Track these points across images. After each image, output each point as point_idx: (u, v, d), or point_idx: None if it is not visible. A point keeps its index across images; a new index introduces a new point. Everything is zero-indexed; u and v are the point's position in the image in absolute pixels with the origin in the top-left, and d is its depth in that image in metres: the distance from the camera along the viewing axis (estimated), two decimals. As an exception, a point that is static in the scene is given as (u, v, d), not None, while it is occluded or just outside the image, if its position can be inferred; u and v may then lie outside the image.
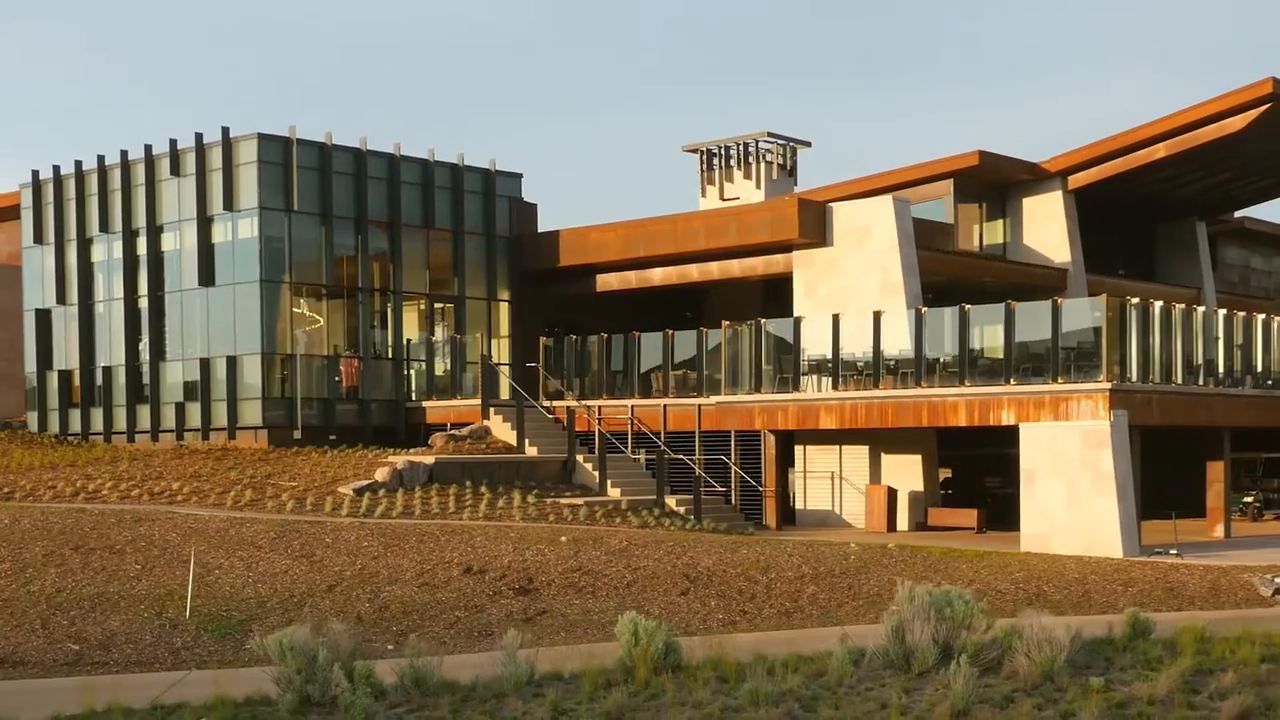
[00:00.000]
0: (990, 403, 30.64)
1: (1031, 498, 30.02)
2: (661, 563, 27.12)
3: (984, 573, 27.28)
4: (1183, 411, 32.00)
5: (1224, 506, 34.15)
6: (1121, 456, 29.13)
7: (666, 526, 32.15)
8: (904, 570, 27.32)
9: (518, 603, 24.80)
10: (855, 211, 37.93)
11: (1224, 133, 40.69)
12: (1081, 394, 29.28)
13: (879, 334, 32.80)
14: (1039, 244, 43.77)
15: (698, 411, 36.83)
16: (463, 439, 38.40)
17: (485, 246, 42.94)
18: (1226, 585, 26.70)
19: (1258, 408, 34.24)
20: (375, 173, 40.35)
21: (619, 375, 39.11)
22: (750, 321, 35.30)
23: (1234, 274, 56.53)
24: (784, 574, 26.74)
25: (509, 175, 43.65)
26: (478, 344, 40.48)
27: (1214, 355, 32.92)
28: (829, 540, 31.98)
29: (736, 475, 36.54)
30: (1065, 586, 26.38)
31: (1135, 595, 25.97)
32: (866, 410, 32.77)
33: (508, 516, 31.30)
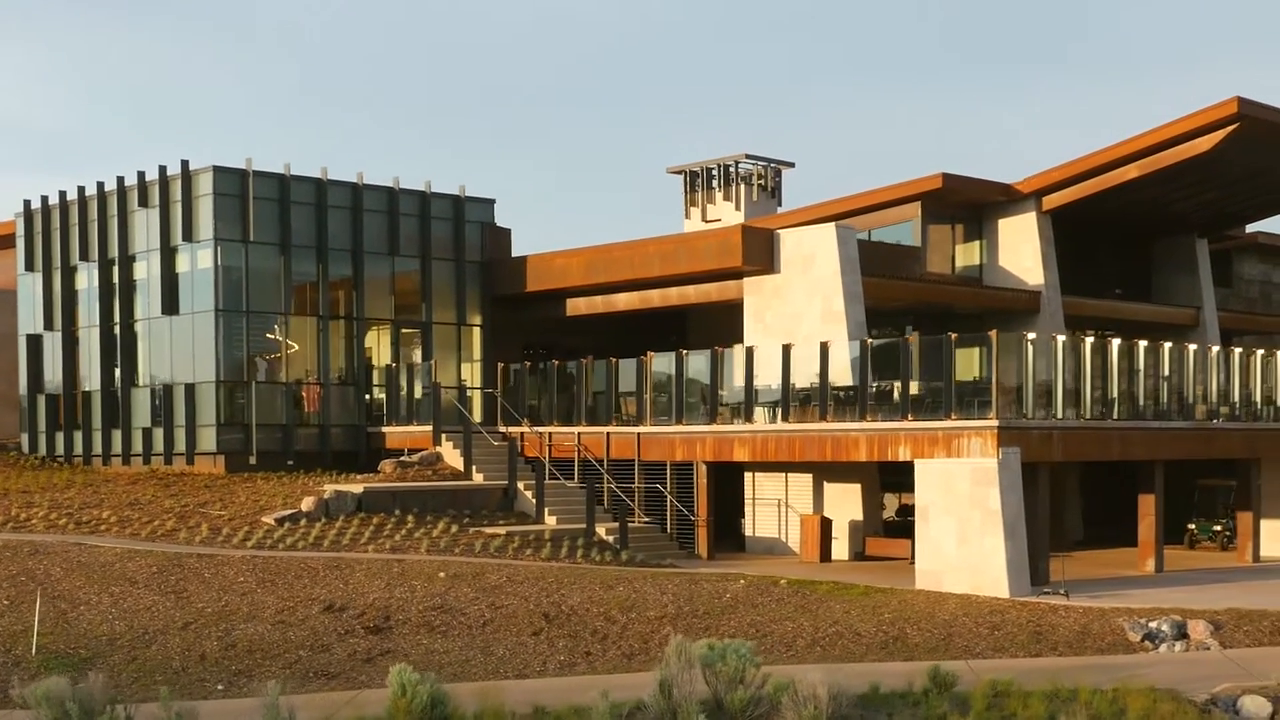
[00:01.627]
0: (888, 438, 30.38)
1: (926, 535, 29.71)
2: (528, 600, 27.35)
3: (854, 613, 27.08)
4: (1093, 447, 31.41)
5: (1155, 540, 33.44)
6: (1011, 494, 28.70)
7: (579, 558, 32.33)
8: (772, 611, 27.25)
9: (366, 642, 25.20)
10: (801, 238, 37.76)
11: (1193, 153, 39.72)
12: (971, 431, 28.90)
13: (788, 368, 32.69)
14: (1014, 266, 43.12)
15: (636, 440, 36.97)
16: (412, 465, 38.96)
17: (455, 272, 43.49)
18: (1098, 629, 26.21)
19: (1186, 440, 33.44)
20: (337, 202, 41.10)
21: (570, 402, 39.38)
22: (673, 351, 35.38)
23: (1252, 289, 55.09)
24: (646, 614, 26.81)
25: (480, 201, 44.14)
26: (433, 370, 40.98)
27: (1136, 387, 32.19)
28: (743, 572, 31.96)
29: (672, 504, 36.60)
30: (931, 629, 26.10)
31: (999, 639, 25.60)
32: (775, 443, 32.67)
33: (415, 549, 31.74)
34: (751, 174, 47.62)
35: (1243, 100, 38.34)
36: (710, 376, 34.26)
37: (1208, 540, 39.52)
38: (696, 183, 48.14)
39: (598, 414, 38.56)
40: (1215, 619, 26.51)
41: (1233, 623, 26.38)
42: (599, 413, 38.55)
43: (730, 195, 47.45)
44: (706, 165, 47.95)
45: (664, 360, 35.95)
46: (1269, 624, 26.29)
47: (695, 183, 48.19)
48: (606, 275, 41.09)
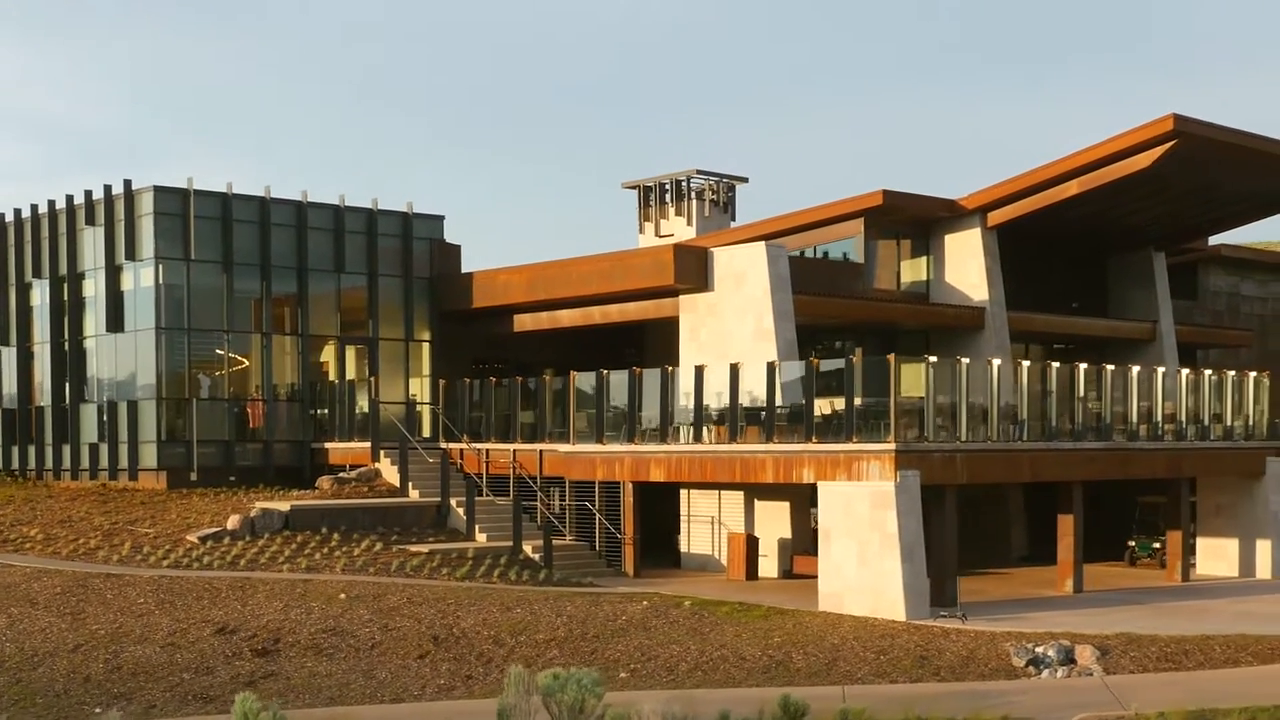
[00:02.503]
0: (793, 460, 30.48)
1: (828, 557, 29.80)
2: (422, 623, 27.61)
3: (745, 637, 27.21)
4: (1000, 469, 31.43)
5: (1074, 560, 33.39)
6: (909, 517, 28.77)
7: (494, 578, 32.53)
8: (664, 634, 27.41)
9: (252, 665, 25.52)
10: (733, 256, 37.88)
11: (1132, 169, 39.60)
12: (870, 454, 28.98)
13: (700, 388, 32.83)
14: (960, 282, 43.10)
15: (560, 459, 37.17)
16: (349, 482, 39.33)
17: (403, 288, 43.80)
18: (984, 654, 26.26)
19: (1102, 461, 33.38)
20: (281, 220, 41.48)
21: (508, 418, 39.63)
22: (595, 370, 35.58)
23: (1219, 302, 54.84)
24: (535, 637, 27.03)
25: (429, 218, 44.45)
26: (372, 386, 41.32)
27: (1049, 409, 32.17)
28: (660, 591, 32.15)
29: (600, 522, 36.78)
30: (818, 653, 26.20)
31: (883, 664, 25.68)
32: (690, 464, 32.83)
33: (330, 569, 32.06)
34: (703, 189, 47.76)
35: (1179, 117, 38.22)
36: (629, 397, 34.43)
37: (1148, 557, 39.42)
38: (650, 198, 48.33)
39: (532, 431, 38.79)
40: (1105, 644, 26.54)
41: (1121, 648, 26.38)
42: (534, 430, 38.77)
43: (682, 210, 47.61)
44: (660, 181, 48.12)
45: (587, 379, 36.15)
46: (1157, 650, 26.29)
47: (649, 198, 48.38)
48: (547, 292, 41.32)
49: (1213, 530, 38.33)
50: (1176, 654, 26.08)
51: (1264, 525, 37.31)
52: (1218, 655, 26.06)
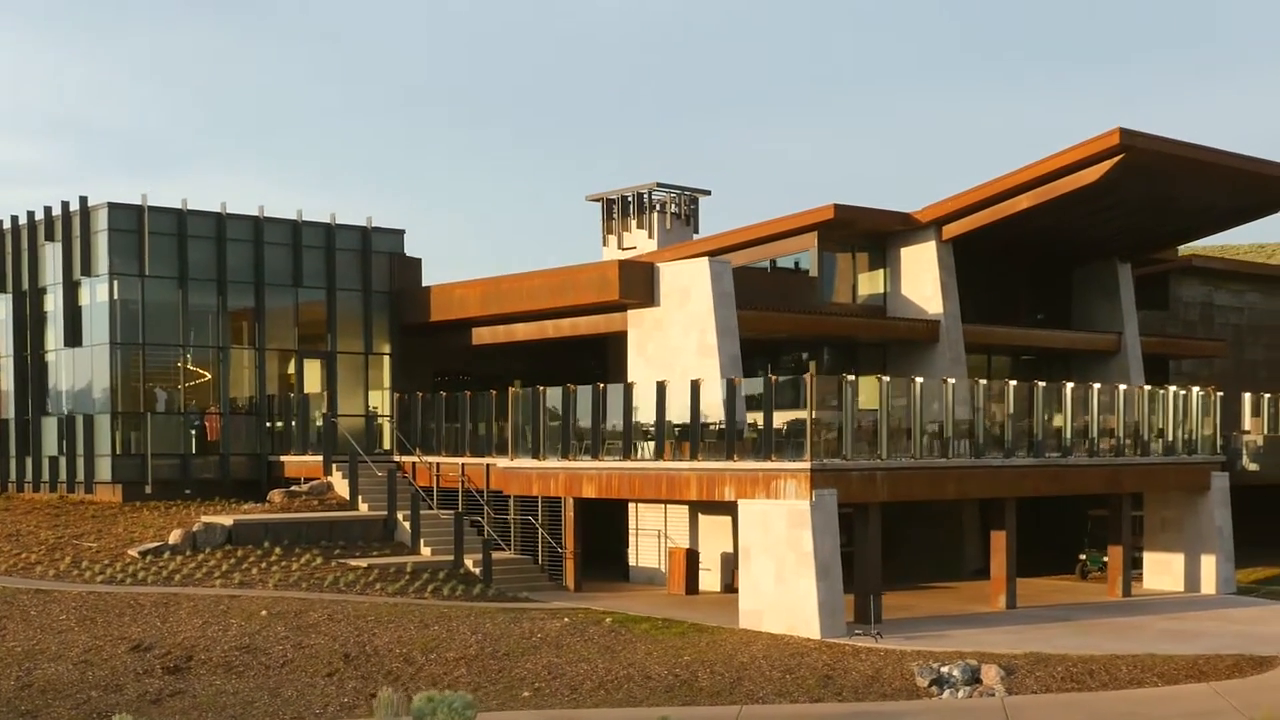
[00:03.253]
0: (715, 478, 30.66)
1: (748, 574, 29.97)
2: (337, 640, 27.91)
3: (656, 655, 27.41)
4: (924, 487, 31.49)
5: (1006, 577, 33.44)
6: (825, 536, 28.90)
7: (428, 594, 32.75)
8: (576, 651, 27.62)
9: (160, 682, 25.83)
10: (678, 272, 38.06)
11: (1081, 183, 39.61)
12: (787, 473, 29.13)
13: (629, 405, 33.02)
14: (916, 295, 43.17)
15: (501, 474, 37.40)
16: (300, 495, 39.69)
17: (363, 302, 44.15)
18: (890, 674, 26.38)
19: (1033, 477, 33.38)
20: (237, 235, 41.89)
21: (458, 432, 39.91)
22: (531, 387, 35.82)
23: (1192, 312, 54.72)
24: (446, 655, 27.29)
25: (389, 232, 44.80)
26: (326, 399, 41.72)
27: (977, 425, 32.22)
28: (589, 608, 32.39)
29: (542, 536, 37.02)
30: (725, 672, 26.35)
31: (787, 684, 25.81)
32: (619, 481, 33.03)
33: (263, 584, 32.39)
34: (665, 202, 47.95)
35: (1125, 131, 38.22)
36: (563, 413, 34.64)
37: (1099, 571, 39.38)
38: (613, 211, 48.55)
39: (481, 445, 39.05)
40: (1012, 663, 26.62)
41: (1027, 667, 26.46)
42: (482, 444, 39.03)
43: (644, 223, 47.82)
44: (622, 194, 48.34)
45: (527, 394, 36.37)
46: (1064, 670, 26.35)
47: (612, 211, 48.61)
48: (500, 306, 41.59)
49: (1159, 545, 38.30)
50: (1082, 674, 26.14)
51: (1209, 540, 37.26)
52: (1123, 676, 26.11)
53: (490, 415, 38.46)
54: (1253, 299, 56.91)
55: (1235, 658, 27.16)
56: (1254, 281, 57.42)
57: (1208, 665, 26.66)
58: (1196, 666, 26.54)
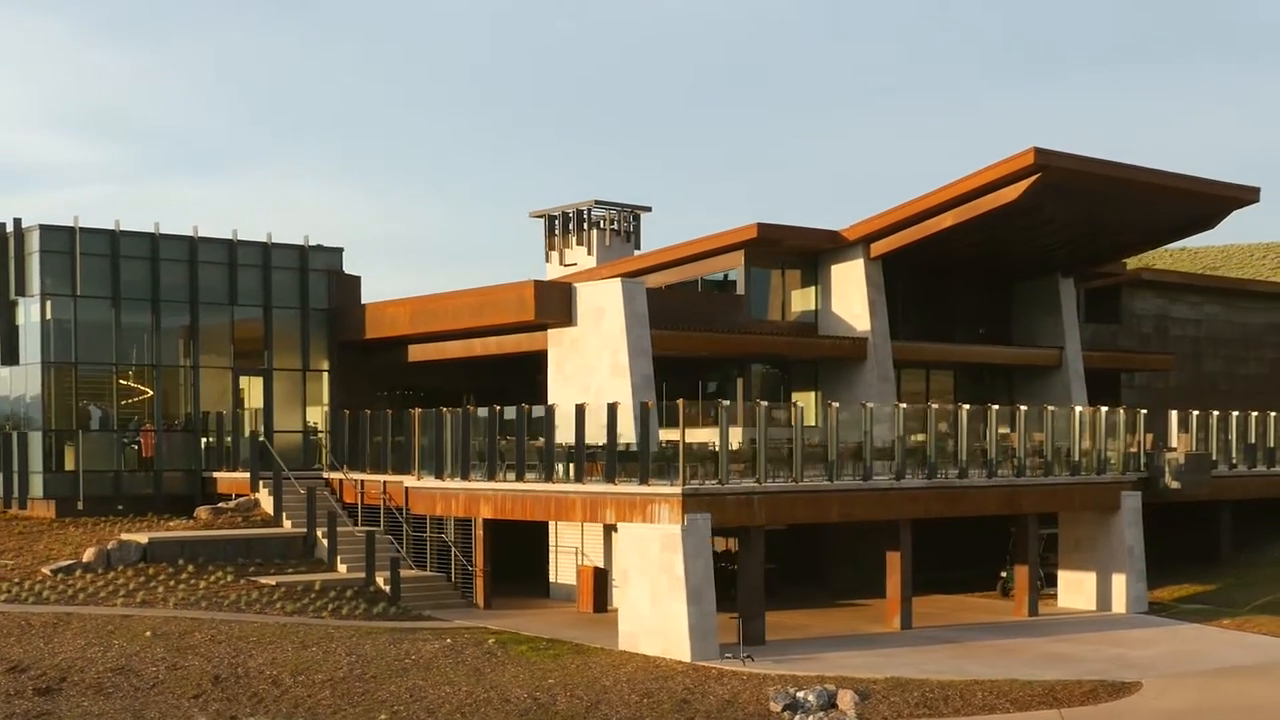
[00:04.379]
0: (598, 502, 31.04)
1: (627, 598, 30.35)
2: (213, 661, 28.45)
3: (522, 677, 27.81)
4: (805, 509, 31.74)
5: (901, 598, 33.68)
6: (697, 560, 29.23)
7: (325, 614, 33.19)
8: (444, 673, 28.05)
9: (29, 704, 26.40)
10: (593, 292, 38.44)
11: (1001, 202, 39.79)
12: (660, 498, 29.48)
13: (523, 426, 33.44)
14: (845, 312, 43.40)
15: (406, 493, 37.93)
16: (226, 512, 40.34)
17: (300, 319, 44.78)
18: (747, 698, 26.69)
19: (925, 499, 33.54)
20: (172, 255, 42.61)
21: (381, 449, 40.41)
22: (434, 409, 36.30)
23: (1146, 325, 54.62)
24: (315, 677, 27.78)
25: (328, 250, 45.41)
26: (254, 416, 42.39)
27: (865, 448, 32.45)
28: (486, 627, 32.96)
29: (455, 554, 37.51)
30: (585, 695, 26.71)
31: (643, 708, 26.12)
32: (512, 503, 33.44)
33: (164, 603, 33.01)
34: (603, 220, 48.36)
35: (1040, 150, 38.37)
36: (462, 434, 35.07)
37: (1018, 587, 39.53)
38: (555, 227, 49.01)
39: (403, 463, 39.53)
40: (871, 688, 26.88)
41: (884, 692, 26.73)
42: (404, 462, 39.52)
43: (584, 240, 48.23)
44: (564, 210, 48.78)
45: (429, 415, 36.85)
46: (919, 695, 26.60)
47: (554, 227, 49.06)
48: (427, 325, 42.11)
49: (1073, 563, 38.40)
50: (937, 699, 26.40)
51: (1119, 559, 37.34)
52: (977, 701, 26.35)
53: (410, 432, 38.94)
54: (1212, 311, 56.77)
55: (1095, 683, 27.33)
56: (1212, 294, 57.28)
57: (1064, 691, 26.84)
58: (1053, 692, 26.74)
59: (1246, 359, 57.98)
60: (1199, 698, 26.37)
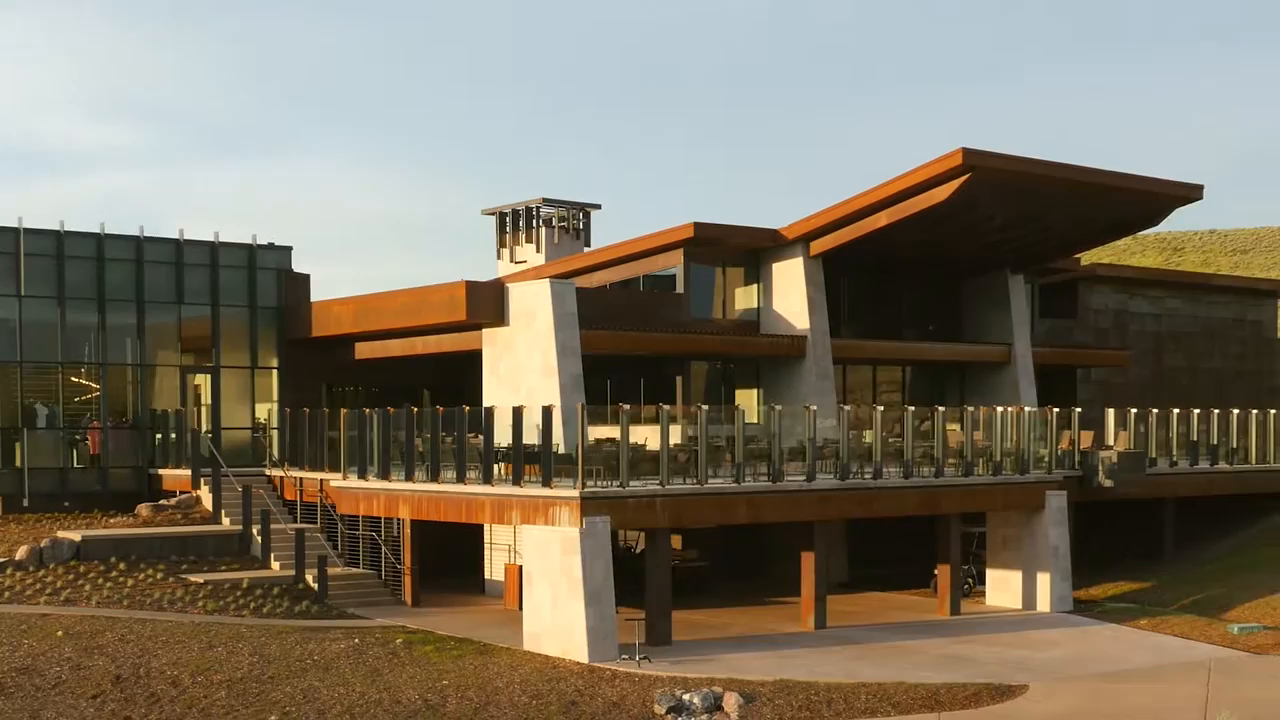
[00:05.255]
0: (505, 504, 31.42)
1: (531, 598, 30.74)
2: (116, 661, 28.95)
3: (418, 679, 28.24)
4: (711, 512, 32.02)
5: (815, 598, 33.98)
6: (595, 562, 29.58)
7: (246, 612, 33.61)
8: (341, 674, 28.48)
9: (-71, 703, 27.05)
10: (524, 292, 38.77)
11: (932, 202, 39.92)
12: (560, 501, 29.84)
13: (436, 427, 33.81)
14: (786, 310, 43.62)
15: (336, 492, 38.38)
16: (166, 509, 40.89)
17: (249, 317, 45.26)
18: (634, 701, 27.08)
19: (836, 501, 33.80)
20: (118, 255, 43.11)
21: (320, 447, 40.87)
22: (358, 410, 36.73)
23: (1104, 320, 54.62)
24: (214, 677, 28.27)
25: (277, 249, 45.82)
26: (201, 414, 42.94)
27: (773, 450, 32.71)
28: (406, 625, 33.44)
29: (385, 553, 37.97)
30: (476, 697, 27.14)
31: (530, 710, 26.54)
32: (428, 503, 33.85)
33: (88, 601, 33.55)
34: (552, 217, 48.66)
35: (968, 151, 38.50)
36: (381, 435, 35.48)
37: (938, 585, 39.82)
38: (506, 225, 49.35)
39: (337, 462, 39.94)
40: (757, 691, 27.23)
41: (770, 695, 27.07)
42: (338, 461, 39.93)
43: (533, 238, 48.55)
44: (514, 208, 49.09)
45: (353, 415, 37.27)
46: (804, 698, 26.93)
47: (505, 225, 49.40)
48: (369, 324, 42.51)
49: (1000, 562, 38.63)
50: (820, 703, 26.72)
51: (1044, 559, 37.54)
52: (859, 705, 26.67)
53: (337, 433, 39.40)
54: (1174, 305, 56.74)
55: (981, 687, 27.61)
56: (1174, 288, 57.22)
57: (948, 695, 27.14)
58: (936, 696, 27.04)
59: (1211, 353, 57.93)
60: (1079, 703, 26.62)
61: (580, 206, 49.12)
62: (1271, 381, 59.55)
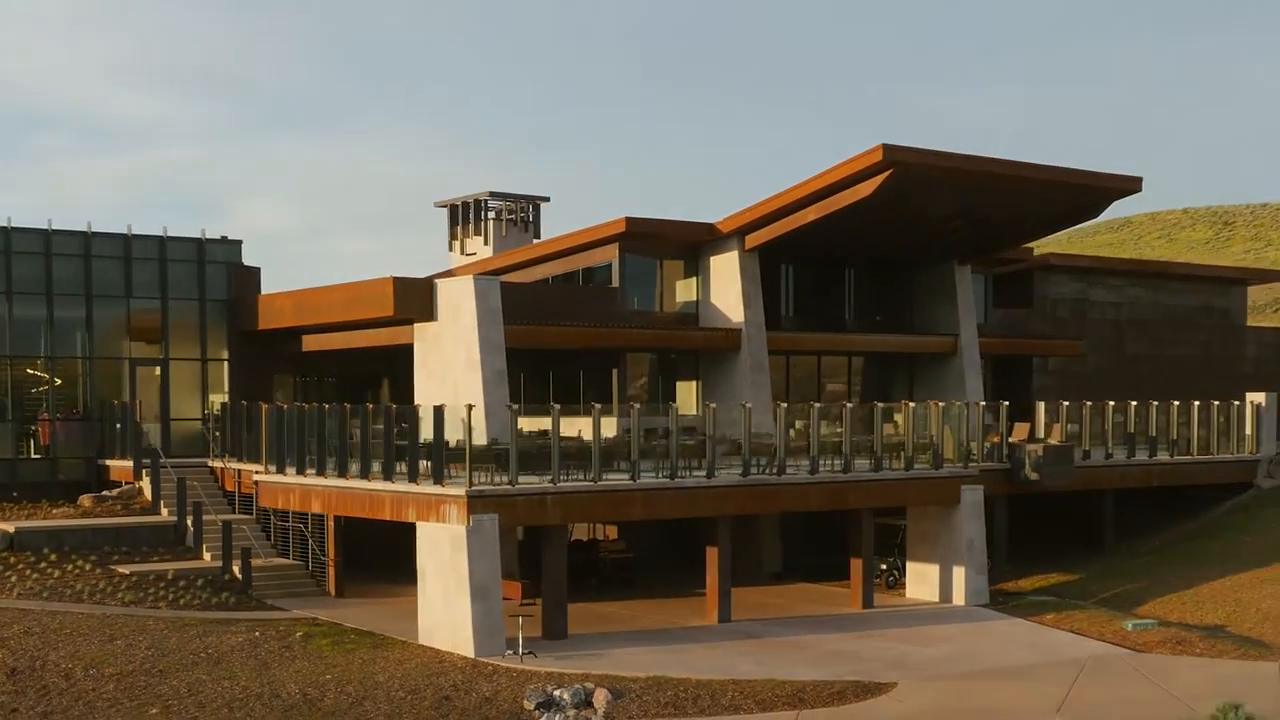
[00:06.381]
0: (404, 500, 32.11)
1: (424, 593, 31.46)
2: (16, 654, 29.72)
3: (304, 672, 28.98)
4: (604, 509, 32.65)
5: (719, 591, 34.52)
6: (482, 560, 30.22)
7: (162, 604, 34.51)
8: (232, 668, 29.20)
9: None
10: (451, 288, 39.41)
11: (857, 198, 40.26)
12: (449, 499, 30.51)
13: (344, 423, 34.53)
14: (723, 304, 44.08)
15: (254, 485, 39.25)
16: (108, 500, 41.88)
17: (199, 311, 46.15)
18: (505, 697, 27.69)
19: (736, 497, 34.22)
20: (65, 250, 44.09)
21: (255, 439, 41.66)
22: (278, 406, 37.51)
23: (1061, 309, 54.70)
24: (106, 670, 29.08)
25: (227, 243, 46.68)
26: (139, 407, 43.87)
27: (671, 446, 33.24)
28: (317, 617, 34.23)
29: (312, 546, 38.78)
30: (355, 691, 27.80)
31: (404, 705, 27.13)
32: (338, 499, 34.58)
33: (10, 593, 34.44)
34: (501, 210, 49.26)
35: (888, 147, 38.76)
36: (298, 430, 36.24)
37: (875, 577, 40.22)
38: (457, 217, 50.00)
39: (271, 454, 40.80)
40: (629, 687, 27.79)
41: (640, 691, 27.61)
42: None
43: (481, 230, 49.18)
44: (464, 201, 49.72)
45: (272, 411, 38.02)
46: (673, 694, 27.46)
47: (456, 217, 50.05)
48: (310, 318, 43.30)
49: (919, 556, 39.03)
50: (687, 699, 27.25)
51: (959, 552, 37.92)
52: (725, 702, 27.18)
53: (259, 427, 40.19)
54: (1135, 294, 56.72)
55: (847, 685, 28.05)
56: (1136, 276, 57.20)
57: (814, 692, 27.59)
58: (801, 694, 27.49)
59: (1176, 342, 57.88)
60: (938, 701, 27.02)
61: (529, 199, 49.71)
62: (1240, 369, 59.44)
